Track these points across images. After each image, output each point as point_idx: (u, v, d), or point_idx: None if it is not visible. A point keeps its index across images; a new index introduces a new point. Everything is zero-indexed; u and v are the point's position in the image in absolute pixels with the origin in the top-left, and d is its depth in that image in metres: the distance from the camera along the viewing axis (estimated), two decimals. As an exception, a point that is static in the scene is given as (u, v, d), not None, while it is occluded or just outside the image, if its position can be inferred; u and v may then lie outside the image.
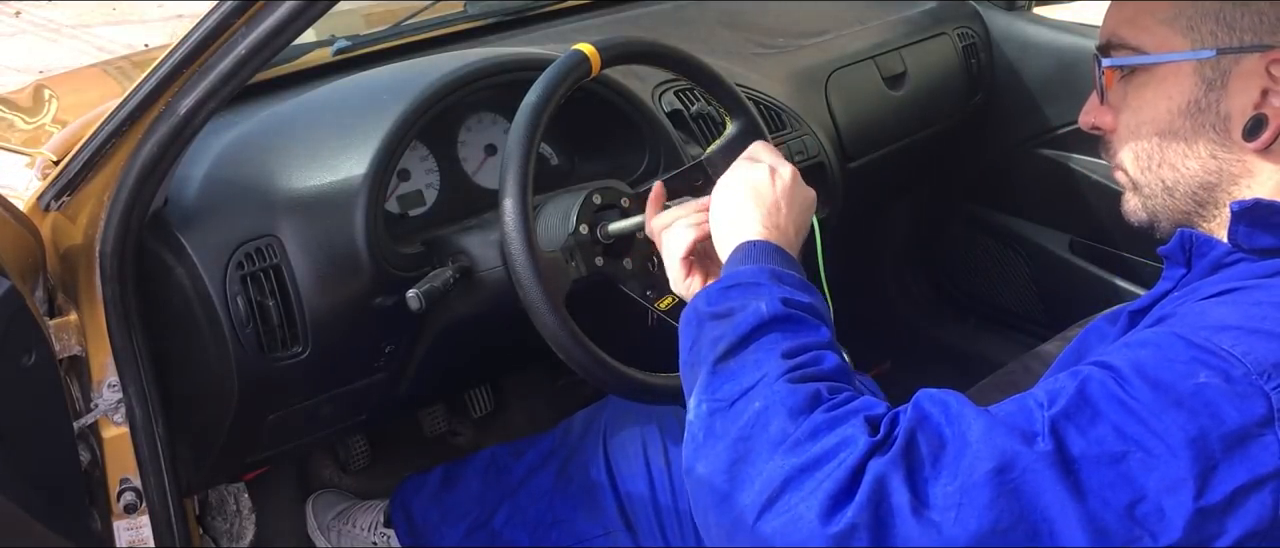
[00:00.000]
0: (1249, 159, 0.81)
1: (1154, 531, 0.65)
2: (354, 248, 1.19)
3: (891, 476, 0.69)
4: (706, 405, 0.80)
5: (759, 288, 0.85)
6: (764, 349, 0.80)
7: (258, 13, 0.97)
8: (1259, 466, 0.65)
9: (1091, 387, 0.69)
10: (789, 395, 0.76)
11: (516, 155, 1.06)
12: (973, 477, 0.68)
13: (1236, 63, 0.80)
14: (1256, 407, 0.66)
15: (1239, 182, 0.82)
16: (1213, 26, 0.81)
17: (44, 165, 1.26)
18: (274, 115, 1.33)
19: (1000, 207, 2.15)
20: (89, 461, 1.24)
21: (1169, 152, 0.84)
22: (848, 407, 0.75)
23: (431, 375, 1.39)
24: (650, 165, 1.41)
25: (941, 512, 0.67)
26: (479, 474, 1.47)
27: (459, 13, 1.71)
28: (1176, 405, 0.67)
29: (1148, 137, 0.85)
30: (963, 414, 0.71)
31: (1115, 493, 0.66)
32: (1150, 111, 0.85)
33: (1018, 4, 2.09)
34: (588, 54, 1.12)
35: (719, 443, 0.76)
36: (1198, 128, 0.82)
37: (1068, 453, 0.67)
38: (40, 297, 1.20)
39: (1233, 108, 0.81)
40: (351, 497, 1.78)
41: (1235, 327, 0.70)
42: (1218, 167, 0.82)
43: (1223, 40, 0.81)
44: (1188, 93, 0.82)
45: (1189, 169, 0.84)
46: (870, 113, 1.84)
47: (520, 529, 1.38)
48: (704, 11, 1.93)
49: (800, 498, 0.70)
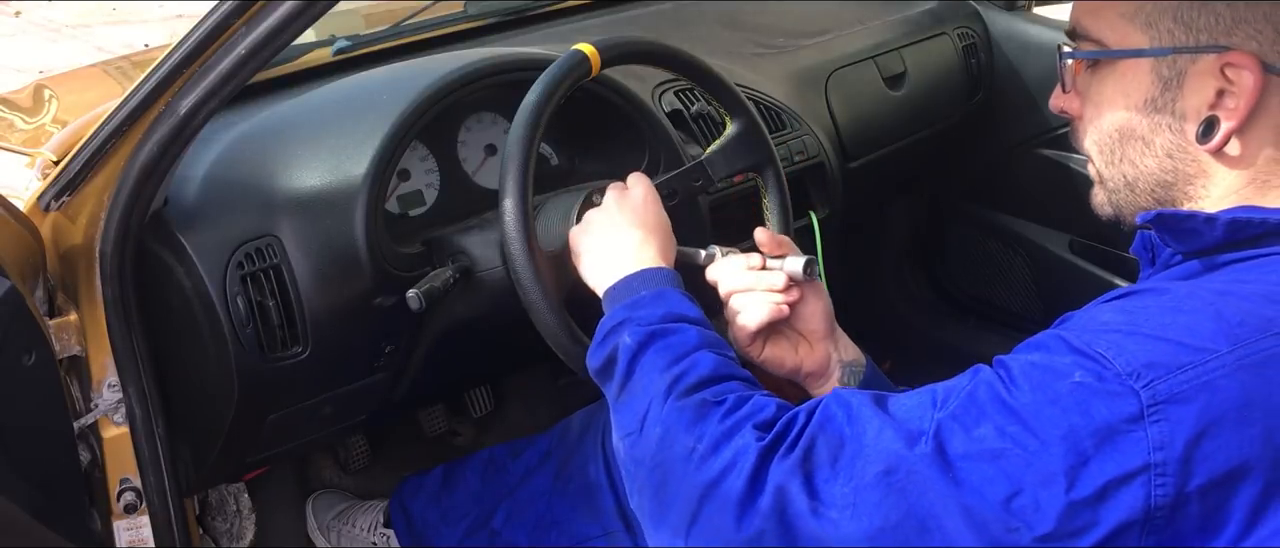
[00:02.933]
0: (1204, 160, 0.81)
1: (1029, 522, 0.69)
2: (354, 248, 1.19)
3: (791, 482, 0.76)
4: (622, 440, 0.89)
5: (621, 326, 0.93)
6: (644, 373, 0.89)
7: (258, 13, 0.97)
8: (1128, 461, 0.67)
9: (980, 389, 0.74)
10: (679, 414, 0.84)
11: (516, 155, 1.06)
12: (864, 479, 0.74)
13: (1192, 62, 0.80)
14: (1127, 405, 0.68)
15: (1194, 182, 0.82)
16: (1170, 25, 0.80)
17: (44, 165, 1.26)
18: (274, 115, 1.33)
19: (1000, 207, 2.15)
20: (89, 461, 1.24)
21: (1128, 148, 0.84)
22: (737, 415, 0.82)
23: (431, 376, 1.39)
24: (650, 165, 1.41)
25: (839, 511, 0.74)
26: (477, 474, 1.47)
27: (459, 13, 1.71)
28: (1052, 404, 0.70)
29: (1109, 130, 0.85)
30: (862, 416, 0.77)
31: (993, 488, 0.70)
32: (1109, 106, 0.85)
33: (1018, 4, 2.09)
34: (588, 54, 1.12)
35: (642, 469, 0.85)
36: (1155, 126, 0.82)
37: (948, 454, 0.72)
38: (40, 297, 1.21)
39: (1188, 108, 0.80)
40: (351, 497, 1.78)
41: (1115, 330, 0.72)
42: (1174, 166, 0.82)
43: (1179, 39, 0.80)
44: (1145, 90, 0.82)
45: (1147, 166, 0.84)
46: (870, 113, 1.84)
47: (519, 529, 1.38)
48: (704, 11, 1.93)
49: (715, 510, 0.78)
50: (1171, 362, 0.68)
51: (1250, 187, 0.80)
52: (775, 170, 1.28)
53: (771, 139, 1.31)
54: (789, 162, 1.58)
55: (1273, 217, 0.76)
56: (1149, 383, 0.68)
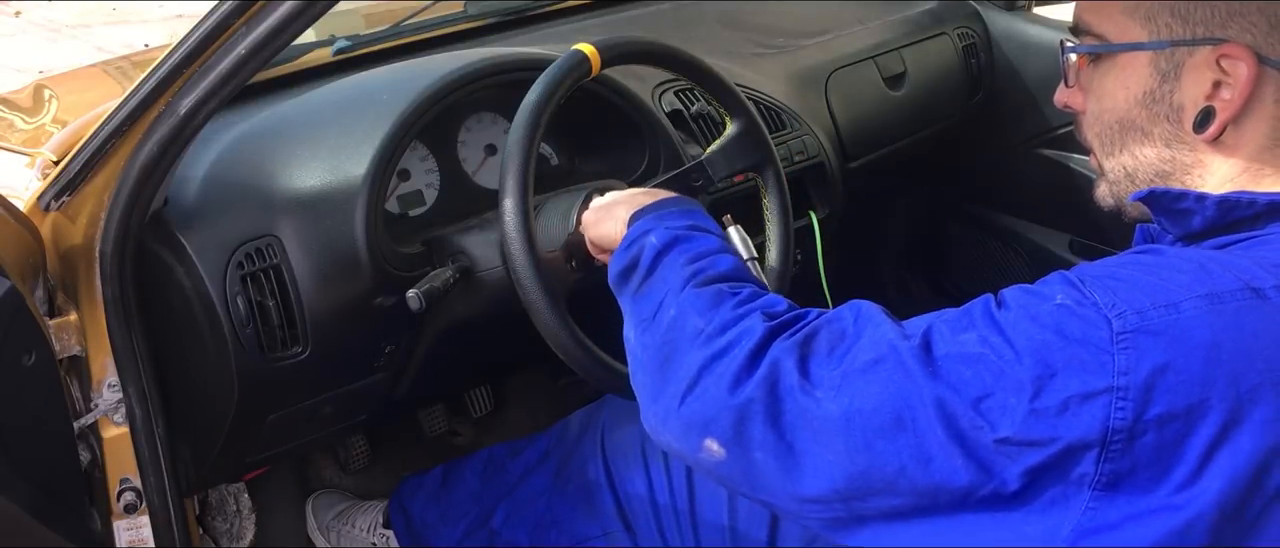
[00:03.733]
0: (1201, 149, 0.84)
1: (993, 422, 0.72)
2: (354, 248, 1.19)
3: (787, 358, 0.80)
4: (634, 328, 0.93)
5: (648, 232, 0.97)
6: (666, 268, 0.93)
7: (258, 13, 0.97)
8: (1093, 380, 0.70)
9: (976, 306, 0.79)
10: (696, 298, 0.89)
11: (516, 155, 1.07)
12: (854, 365, 0.78)
13: (1189, 55, 0.82)
14: (1099, 329, 0.71)
15: (1192, 172, 0.85)
16: (1168, 19, 0.83)
17: (44, 165, 1.26)
18: (274, 115, 1.33)
19: (1000, 207, 2.15)
20: (89, 461, 1.24)
21: (1128, 139, 0.87)
22: (751, 303, 0.87)
23: (431, 376, 1.39)
24: (650, 165, 1.41)
25: (824, 390, 0.78)
26: (476, 474, 1.47)
27: (459, 13, 1.71)
28: (1031, 320, 0.74)
29: (1109, 123, 0.88)
30: (871, 317, 0.82)
31: (967, 387, 0.74)
32: (1110, 100, 0.87)
33: (1018, 4, 2.09)
34: (588, 54, 1.12)
35: (648, 351, 0.90)
36: (1153, 118, 0.85)
37: (933, 351, 0.76)
38: (40, 297, 1.21)
39: (1185, 99, 0.83)
40: (351, 497, 1.78)
41: (1105, 273, 0.76)
42: (1172, 156, 0.85)
43: (1177, 32, 0.82)
44: (1144, 83, 0.85)
45: (1146, 157, 0.86)
46: (870, 113, 1.84)
47: (519, 529, 1.38)
48: (704, 11, 1.93)
49: (712, 380, 0.82)
50: (1148, 301, 0.71)
51: (1245, 174, 0.83)
52: (775, 170, 1.28)
53: (771, 139, 1.31)
54: (789, 162, 1.58)
55: (1262, 199, 0.79)
56: (1122, 313, 0.71)
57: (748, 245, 1.15)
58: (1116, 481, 0.70)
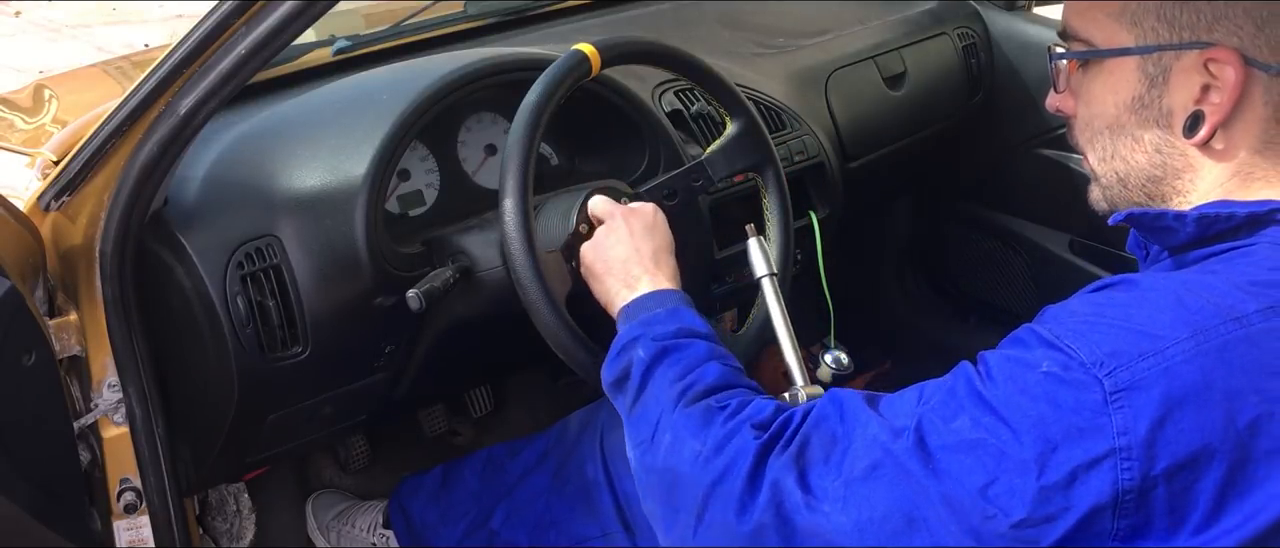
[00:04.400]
0: (1191, 154, 0.83)
1: (1005, 508, 0.71)
2: (354, 248, 1.19)
3: (786, 477, 0.80)
4: (634, 449, 0.94)
5: (635, 342, 0.98)
6: (656, 386, 0.94)
7: (258, 13, 0.97)
8: (1095, 446, 0.70)
9: (959, 384, 0.78)
10: (688, 419, 0.89)
11: (516, 155, 1.07)
12: (854, 472, 0.78)
13: (1177, 59, 0.81)
14: (1091, 393, 0.70)
15: (1182, 176, 0.84)
16: (1154, 23, 0.82)
17: (44, 165, 1.26)
18: (274, 115, 1.33)
19: (1000, 207, 2.15)
20: (89, 461, 1.24)
21: (1119, 144, 0.86)
22: (738, 418, 0.87)
23: (431, 376, 1.39)
24: (650, 165, 1.41)
25: (830, 504, 0.78)
26: (476, 474, 1.47)
27: (459, 13, 1.71)
28: (1022, 394, 0.73)
29: (1100, 128, 0.87)
30: (854, 413, 0.82)
31: (971, 477, 0.73)
32: (1099, 105, 0.87)
33: (1018, 4, 2.09)
34: (588, 54, 1.12)
35: (652, 476, 0.91)
36: (1142, 122, 0.84)
37: (928, 446, 0.75)
38: (40, 297, 1.21)
39: (1174, 104, 0.82)
40: (351, 497, 1.78)
41: (1082, 321, 0.74)
42: (1162, 161, 0.84)
43: (1163, 36, 0.81)
44: (1132, 88, 0.84)
45: (1137, 162, 0.85)
46: (870, 113, 1.84)
47: (518, 529, 1.38)
48: (704, 11, 1.93)
49: (718, 508, 0.83)
50: (1133, 350, 0.70)
51: (1234, 179, 0.82)
52: (775, 170, 1.28)
53: (771, 139, 1.31)
54: (789, 162, 1.58)
55: (1240, 210, 0.78)
56: (1111, 371, 0.70)
57: (768, 259, 1.15)
58: (1135, 532, 0.70)
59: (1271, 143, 0.81)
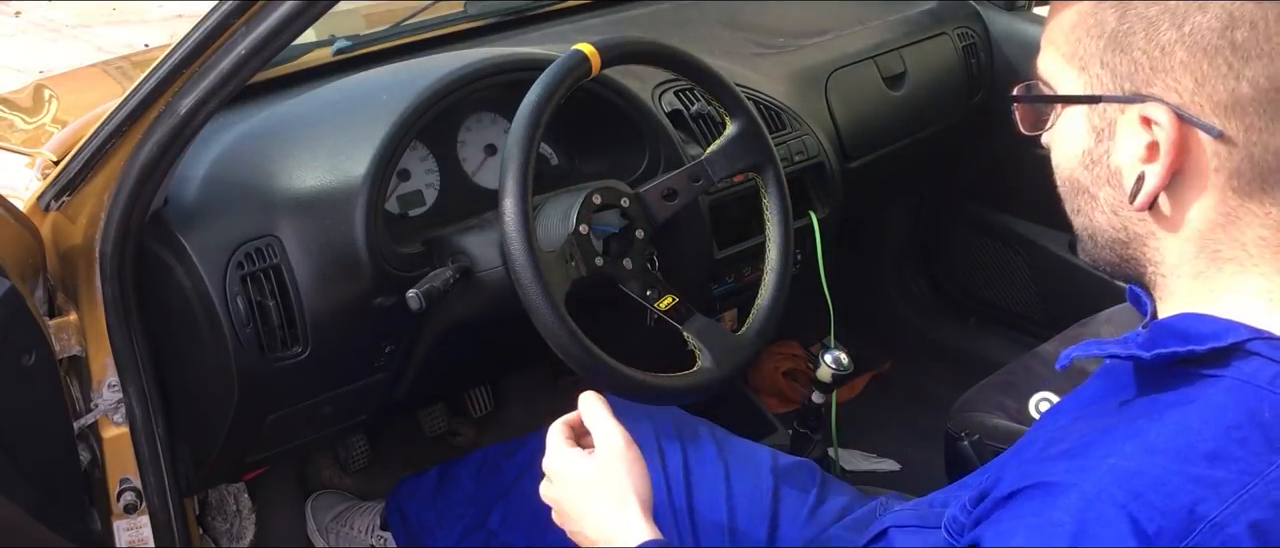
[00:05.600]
0: (1148, 220, 0.74)
1: None
2: (354, 248, 1.19)
3: None
4: None
5: None
6: None
7: (258, 13, 0.97)
8: None
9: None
10: None
11: (516, 155, 1.06)
12: None
13: (1120, 112, 0.72)
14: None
15: (1147, 243, 0.75)
16: (1098, 69, 0.73)
17: (44, 165, 1.26)
18: (274, 115, 1.33)
19: (1000, 207, 2.15)
20: (89, 461, 1.24)
21: (1079, 200, 0.79)
22: None
23: (431, 375, 1.39)
24: (650, 165, 1.41)
25: None
26: (472, 476, 1.46)
27: (459, 13, 1.71)
28: None
29: (1063, 179, 0.80)
30: None
31: None
32: (1058, 155, 0.80)
33: (1018, 4, 2.09)
34: (587, 54, 1.12)
35: None
36: (1096, 180, 0.76)
37: None
38: (40, 297, 1.21)
39: (1121, 162, 0.73)
40: (350, 498, 1.78)
41: None
42: (1122, 224, 0.76)
43: (1106, 85, 0.72)
44: (1082, 141, 0.76)
45: (1098, 222, 0.78)
46: (870, 113, 1.84)
47: (516, 530, 1.37)
48: (704, 11, 1.93)
49: None
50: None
51: (1201, 257, 0.73)
52: (775, 171, 1.28)
53: (771, 140, 1.31)
54: (789, 162, 1.58)
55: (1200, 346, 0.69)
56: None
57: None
58: None
59: (1235, 218, 0.71)
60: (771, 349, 2.16)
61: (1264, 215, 0.71)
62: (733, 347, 1.16)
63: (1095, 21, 0.72)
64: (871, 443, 2.00)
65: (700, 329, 1.15)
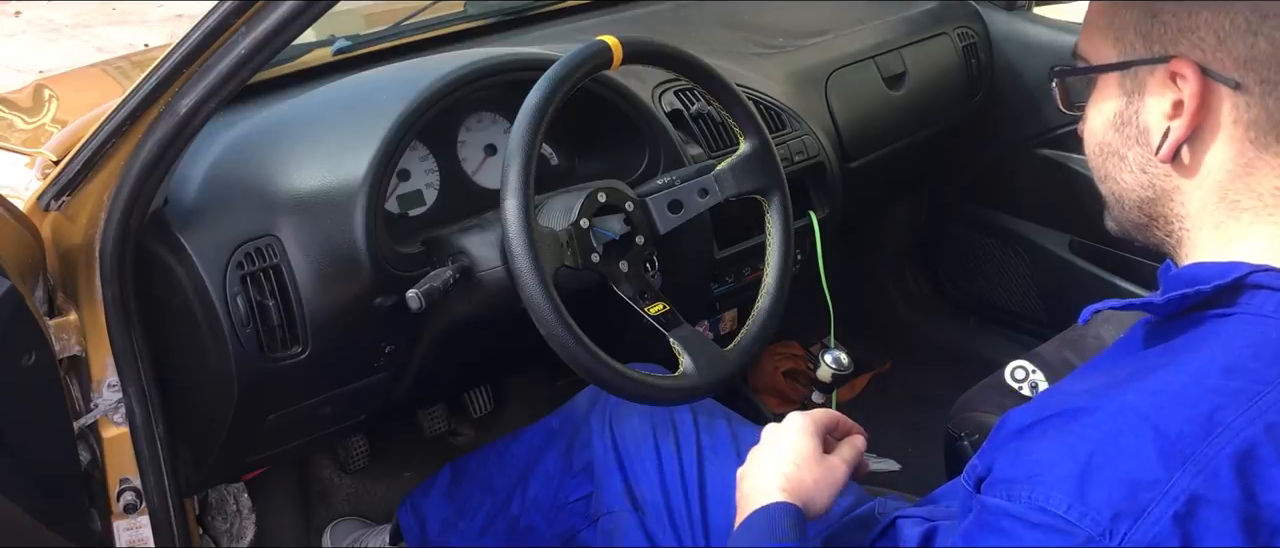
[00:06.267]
0: (1173, 175, 0.80)
1: None
2: (354, 248, 1.19)
3: None
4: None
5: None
6: None
7: (258, 13, 0.97)
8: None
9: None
10: None
11: (519, 153, 1.06)
12: None
13: (1150, 74, 0.79)
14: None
15: (1173, 198, 0.81)
16: (1133, 37, 0.80)
17: (44, 165, 1.26)
18: (274, 115, 1.33)
19: (1000, 207, 2.15)
20: (89, 461, 1.24)
21: (1109, 164, 0.85)
22: None
23: (431, 375, 1.39)
24: (650, 165, 1.41)
25: None
26: (487, 465, 1.47)
27: (459, 13, 1.71)
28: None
29: (1094, 146, 0.86)
30: None
31: None
32: (1091, 124, 0.86)
33: (1018, 4, 2.09)
34: (611, 45, 1.12)
35: None
36: (1126, 141, 0.82)
37: None
38: (40, 297, 1.21)
39: (1149, 120, 0.80)
40: (366, 522, 1.78)
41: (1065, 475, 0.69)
42: (1149, 181, 0.82)
43: (1139, 51, 0.80)
44: (1114, 105, 0.82)
45: (1126, 182, 0.84)
46: (870, 113, 1.84)
47: (536, 513, 1.38)
48: (704, 11, 1.93)
49: None
50: (1133, 506, 0.66)
51: (1221, 206, 0.79)
52: (782, 196, 1.28)
53: (780, 162, 1.31)
54: (789, 162, 1.58)
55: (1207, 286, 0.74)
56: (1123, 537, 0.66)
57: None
58: None
59: (1252, 169, 0.77)
60: (772, 349, 2.16)
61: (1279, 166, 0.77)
62: (716, 357, 1.16)
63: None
64: (871, 443, 1.99)
65: (685, 337, 1.15)
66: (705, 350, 1.15)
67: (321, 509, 1.83)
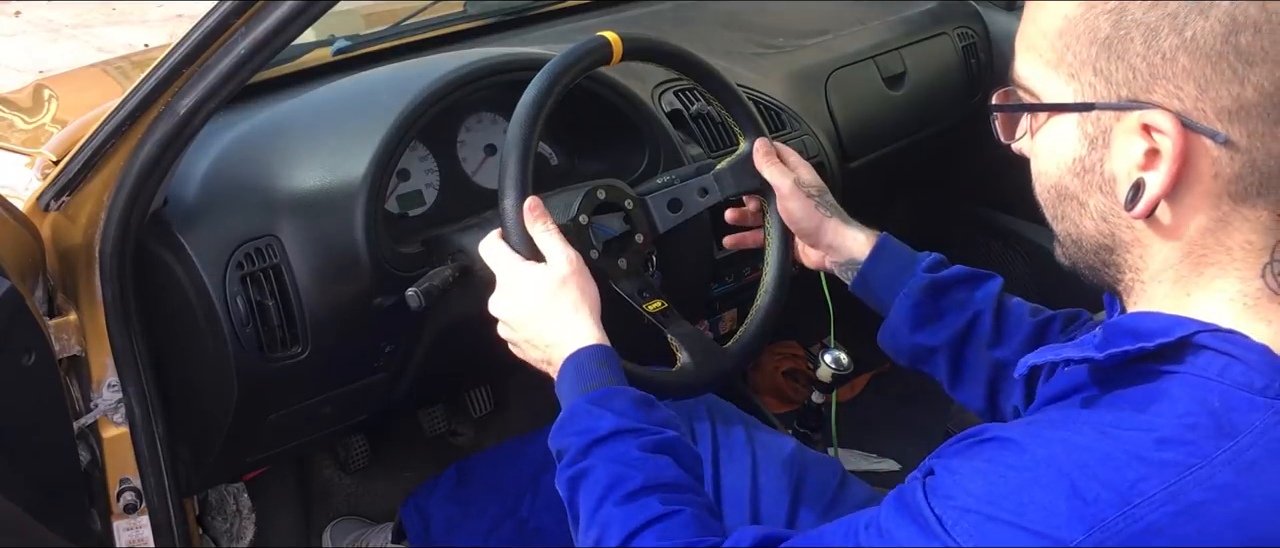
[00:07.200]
0: (1137, 227, 0.74)
1: None
2: (354, 248, 1.19)
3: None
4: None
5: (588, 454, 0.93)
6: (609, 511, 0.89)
7: (258, 13, 0.97)
8: None
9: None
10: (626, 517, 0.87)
11: (516, 150, 1.06)
12: None
13: (1116, 120, 0.71)
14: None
15: (1132, 250, 0.76)
16: (1091, 77, 0.72)
17: (44, 165, 1.26)
18: (274, 115, 1.33)
19: (1000, 207, 2.15)
20: (89, 461, 1.24)
21: (1066, 207, 0.78)
22: None
23: (431, 375, 1.39)
24: (650, 165, 1.41)
25: None
26: (497, 467, 1.46)
27: (459, 13, 1.71)
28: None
29: (1047, 186, 0.79)
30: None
31: None
32: (1042, 163, 0.79)
33: (1018, 4, 2.09)
34: (611, 41, 1.12)
35: None
36: (1086, 188, 0.75)
37: None
38: (40, 297, 1.21)
39: (1116, 169, 0.73)
40: (366, 522, 1.78)
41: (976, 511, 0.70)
42: (1110, 230, 0.76)
43: (1100, 93, 0.72)
44: (1073, 149, 0.75)
45: (1086, 228, 0.77)
46: (870, 113, 1.84)
47: (547, 513, 1.37)
48: (704, 11, 1.93)
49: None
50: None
51: (1186, 262, 0.73)
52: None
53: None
54: (789, 162, 1.58)
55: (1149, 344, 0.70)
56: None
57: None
58: None
59: (1227, 223, 0.71)
60: (772, 349, 2.16)
61: (1254, 219, 0.71)
62: (714, 353, 1.16)
63: (1086, 28, 0.72)
64: (871, 443, 2.00)
65: (683, 334, 1.15)
66: (704, 346, 1.15)
67: (321, 509, 1.83)
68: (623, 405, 0.94)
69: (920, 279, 1.13)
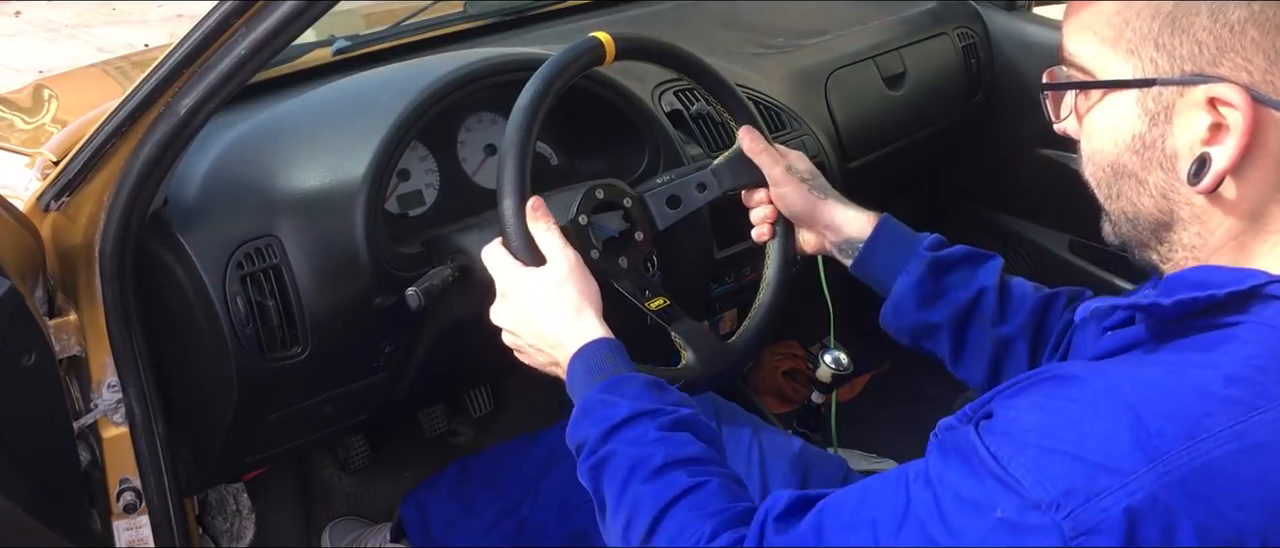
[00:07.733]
0: (1198, 203, 0.73)
1: None
2: (354, 248, 1.19)
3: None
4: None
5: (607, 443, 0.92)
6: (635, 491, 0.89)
7: (258, 13, 0.97)
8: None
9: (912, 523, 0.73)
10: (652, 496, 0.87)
11: (514, 149, 1.06)
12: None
13: (1180, 95, 0.71)
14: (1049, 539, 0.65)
15: (1190, 227, 0.75)
16: (1152, 53, 0.72)
17: (44, 165, 1.26)
18: (274, 115, 1.33)
19: (1000, 207, 2.15)
20: (89, 461, 1.24)
21: (1123, 185, 0.78)
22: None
23: (431, 375, 1.39)
24: (650, 165, 1.41)
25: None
26: (499, 466, 1.46)
27: (459, 13, 1.71)
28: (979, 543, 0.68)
29: (1102, 165, 0.79)
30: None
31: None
32: (1100, 141, 0.78)
33: (1018, 4, 2.09)
34: (603, 41, 1.12)
35: None
36: (1146, 164, 0.75)
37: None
38: (40, 297, 1.21)
39: (1178, 145, 0.72)
40: (365, 522, 1.78)
41: (1033, 444, 0.68)
42: (1170, 207, 0.75)
43: (1162, 69, 0.71)
44: (1132, 126, 0.74)
45: (1144, 205, 0.77)
46: (870, 113, 1.84)
47: (546, 512, 1.37)
48: (704, 11, 1.93)
49: None
50: (1089, 487, 0.64)
51: (1250, 231, 0.73)
52: None
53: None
54: (789, 162, 1.58)
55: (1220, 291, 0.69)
56: (1069, 513, 0.64)
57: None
58: None
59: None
60: (771, 349, 2.16)
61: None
62: (718, 348, 1.16)
63: (1147, 4, 0.72)
64: (871, 443, 2.00)
65: (687, 331, 1.15)
66: (707, 343, 1.15)
67: (321, 509, 1.83)
68: (636, 390, 0.94)
69: (923, 258, 1.13)
